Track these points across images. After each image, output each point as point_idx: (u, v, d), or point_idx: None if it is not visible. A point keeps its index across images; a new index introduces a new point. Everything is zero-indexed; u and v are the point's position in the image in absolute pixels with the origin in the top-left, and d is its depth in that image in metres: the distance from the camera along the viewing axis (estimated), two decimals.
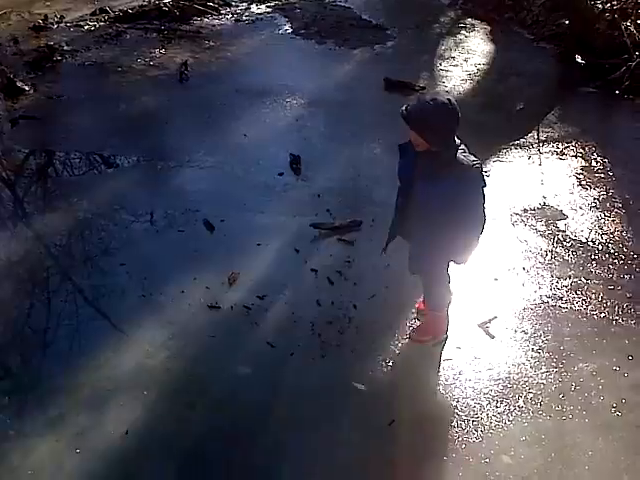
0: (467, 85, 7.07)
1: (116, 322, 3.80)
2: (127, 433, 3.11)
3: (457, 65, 7.56)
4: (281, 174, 5.44)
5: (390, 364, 3.59)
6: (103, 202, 5.05)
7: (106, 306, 3.94)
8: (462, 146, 3.12)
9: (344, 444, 3.11)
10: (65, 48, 7.92)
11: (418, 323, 3.82)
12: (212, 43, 8.25)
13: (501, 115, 6.45)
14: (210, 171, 5.50)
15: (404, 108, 3.00)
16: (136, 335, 3.70)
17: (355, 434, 3.16)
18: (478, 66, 7.51)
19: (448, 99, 2.98)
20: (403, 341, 3.74)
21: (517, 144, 5.86)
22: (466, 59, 7.70)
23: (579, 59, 7.47)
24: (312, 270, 4.26)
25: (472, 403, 3.37)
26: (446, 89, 6.93)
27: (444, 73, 7.39)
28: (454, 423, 3.26)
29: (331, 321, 3.85)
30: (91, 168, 5.70)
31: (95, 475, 2.93)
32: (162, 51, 8.03)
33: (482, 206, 3.20)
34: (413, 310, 3.93)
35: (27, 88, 7.03)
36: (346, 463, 3.02)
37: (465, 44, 8.15)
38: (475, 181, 3.10)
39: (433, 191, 3.06)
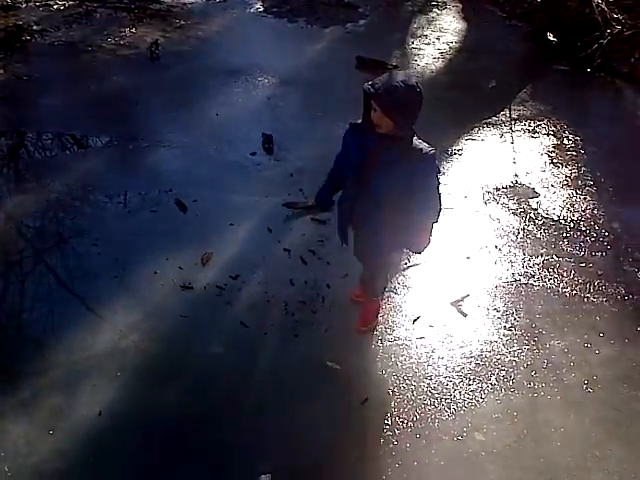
0: (439, 63, 7.08)
1: (89, 303, 3.76)
2: (100, 414, 3.09)
3: (429, 43, 7.56)
4: (253, 154, 5.41)
5: (364, 342, 3.61)
6: (75, 183, 4.97)
7: (78, 287, 3.89)
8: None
9: (318, 423, 3.12)
10: (34, 27, 7.75)
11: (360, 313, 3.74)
12: (183, 22, 8.14)
13: (473, 93, 6.47)
14: (182, 151, 5.44)
15: (370, 85, 2.86)
16: (109, 316, 3.66)
17: (328, 413, 3.18)
18: (450, 44, 7.52)
19: (416, 82, 2.87)
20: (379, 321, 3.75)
21: (489, 122, 5.90)
22: (438, 37, 7.70)
23: (551, 37, 7.52)
24: (285, 250, 4.26)
25: (445, 381, 3.41)
26: (418, 67, 6.94)
27: (416, 51, 7.39)
28: (427, 401, 3.29)
29: (304, 301, 3.85)
30: (62, 149, 5.60)
31: (69, 455, 2.91)
32: (132, 30, 7.90)
33: (439, 192, 3.12)
34: (388, 289, 3.94)
35: None
36: (319, 442, 3.04)
37: (437, 22, 8.15)
38: (432, 167, 3.02)
39: (391, 177, 2.98)
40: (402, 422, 3.18)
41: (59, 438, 2.98)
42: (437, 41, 7.57)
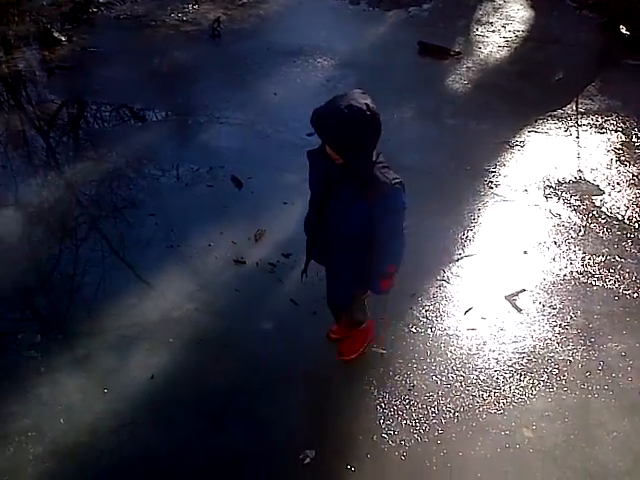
0: (504, 52, 6.89)
1: (144, 271, 3.82)
2: (153, 377, 3.14)
3: (494, 31, 7.37)
4: (310, 135, 5.26)
5: (413, 330, 3.56)
6: (133, 154, 5.05)
7: (134, 256, 3.96)
8: (381, 159, 2.62)
9: (361, 407, 3.10)
10: (101, 0, 7.87)
11: (342, 342, 3.38)
12: (245, 0, 8.13)
13: (538, 84, 6.28)
14: (239, 128, 5.46)
15: (314, 110, 2.52)
16: (163, 284, 3.71)
17: (374, 399, 3.15)
18: (517, 33, 7.31)
19: (366, 104, 2.41)
20: (427, 308, 3.70)
21: (554, 115, 5.72)
22: (504, 25, 7.50)
23: (623, 30, 7.23)
24: None
25: (495, 374, 3.34)
26: (482, 55, 6.78)
27: (480, 39, 7.22)
28: (475, 393, 3.23)
29: None
30: (122, 121, 5.68)
31: (122, 415, 2.98)
32: (195, 7, 7.94)
33: (402, 230, 2.74)
34: (437, 275, 3.88)
35: (63, 39, 7.01)
36: (362, 427, 3.01)
37: (504, 10, 7.94)
38: (395, 204, 2.62)
39: (347, 213, 2.64)
40: (448, 411, 3.13)
41: (113, 397, 3.05)
42: (503, 29, 7.38)
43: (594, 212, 4.52)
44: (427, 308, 3.70)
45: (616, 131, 5.52)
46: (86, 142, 5.44)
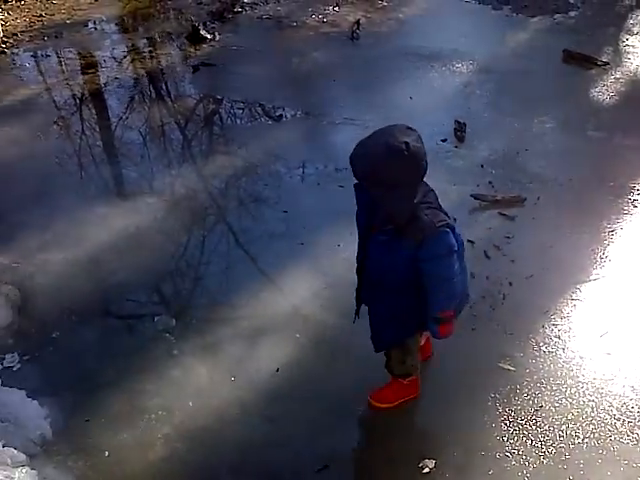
0: None
1: (274, 265, 3.93)
2: (278, 371, 3.22)
3: None
4: (444, 140, 5.32)
5: (543, 349, 3.43)
6: (267, 151, 5.20)
7: (265, 249, 4.09)
8: (429, 198, 2.48)
9: (485, 423, 3.02)
10: (245, 0, 8.17)
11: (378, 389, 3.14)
12: (385, 3, 8.15)
13: None
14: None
15: (356, 146, 2.42)
16: (292, 280, 3.80)
17: (498, 415, 3.06)
18: None
19: (405, 142, 2.26)
20: (559, 327, 3.55)
21: None
22: None
23: None
24: (469, 241, 4.13)
25: (630, 403, 3.13)
26: (632, 66, 6.40)
27: (631, 49, 6.82)
28: (607, 420, 3.06)
29: (484, 295, 3.73)
30: (259, 118, 5.88)
31: (247, 405, 3.07)
32: (336, 9, 8.05)
33: (452, 274, 2.52)
34: (572, 294, 3.72)
35: (209, 37, 7.36)
36: (485, 442, 2.93)
37: None
38: (438, 247, 2.43)
39: (388, 256, 2.49)
40: (577, 436, 2.98)
41: (239, 385, 3.16)
42: None
43: None
44: (560, 327, 3.55)
45: None
46: (221, 137, 5.68)
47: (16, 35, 7.66)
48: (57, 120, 5.80)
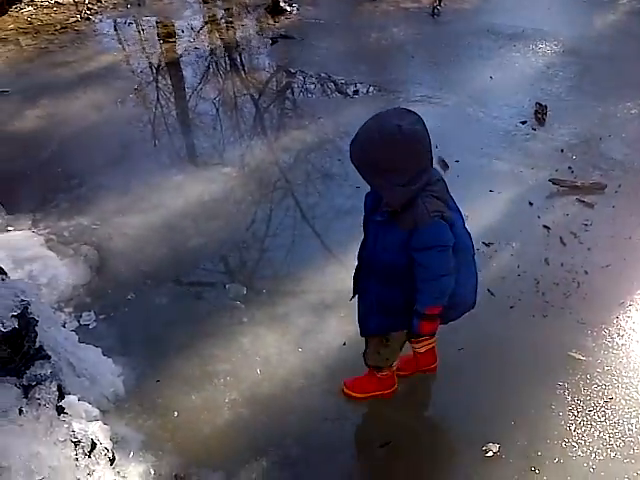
0: None
1: (340, 243, 3.91)
2: (344, 344, 3.23)
3: None
4: (524, 122, 5.18)
5: (617, 341, 3.31)
6: (341, 126, 5.18)
7: (329, 226, 4.10)
8: (434, 187, 2.33)
9: (553, 410, 2.95)
10: None
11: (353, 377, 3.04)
12: None
13: None
14: (450, 109, 5.39)
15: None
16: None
17: (567, 404, 2.98)
18: None
19: (398, 125, 2.14)
20: (635, 320, 3.42)
21: None
22: None
23: None
24: (544, 227, 4.04)
25: None
26: None
27: None
28: None
29: (558, 282, 3.63)
30: (335, 92, 5.86)
31: (314, 377, 3.09)
32: None
33: (443, 271, 2.37)
34: None
35: (288, 9, 7.37)
36: (552, 430, 2.86)
37: None
38: (429, 237, 2.30)
39: (382, 234, 2.41)
40: None
41: (306, 357, 3.18)
42: None
43: None
44: (635, 319, 3.42)
45: None
46: (294, 111, 5.68)
47: (100, 2, 7.87)
48: (137, 87, 5.94)
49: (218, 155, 4.94)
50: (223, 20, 7.57)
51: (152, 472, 2.69)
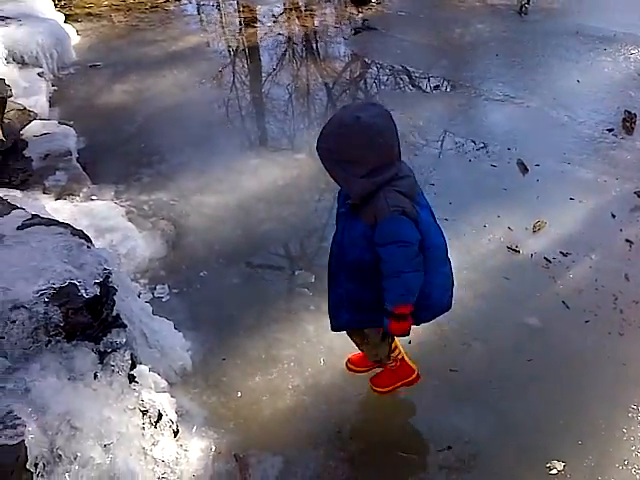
0: None
1: None
2: (410, 343, 3.16)
3: None
4: (610, 130, 5.00)
5: None
6: (419, 119, 5.14)
7: None
8: (402, 182, 2.29)
9: (622, 432, 2.83)
10: None
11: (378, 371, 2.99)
12: None
13: None
14: (533, 112, 5.25)
15: None
16: None
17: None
18: None
19: (357, 116, 2.15)
20: None
21: None
22: None
23: None
24: (627, 241, 3.89)
25: None
26: None
27: None
28: None
29: (637, 301, 3.49)
30: (413, 85, 5.80)
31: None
32: None
33: (400, 266, 2.30)
34: None
35: (373, 0, 7.30)
36: (621, 453, 2.76)
37: None
38: (388, 231, 2.27)
39: (347, 226, 2.41)
40: None
41: None
42: None
43: None
44: None
45: None
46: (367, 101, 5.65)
47: None
48: (220, 70, 6.03)
49: (286, 141, 4.97)
50: (305, 8, 7.58)
51: (213, 449, 2.73)
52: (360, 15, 7.15)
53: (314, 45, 6.75)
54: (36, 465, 2.12)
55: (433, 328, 3.26)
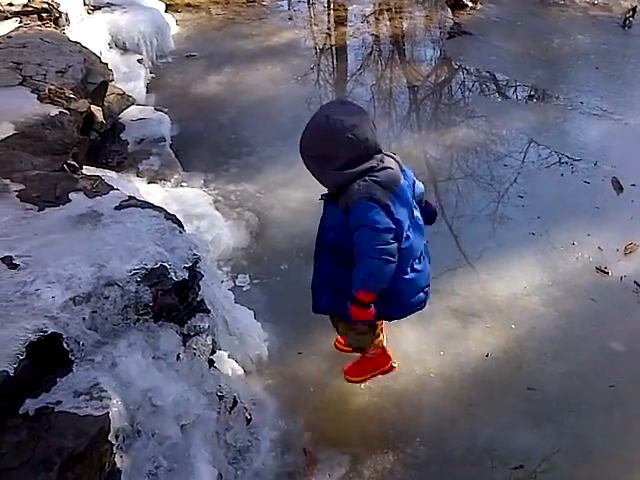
0: None
1: (503, 251, 3.79)
2: (487, 356, 3.14)
3: None
4: None
5: None
6: (509, 129, 5.04)
7: (493, 233, 3.98)
8: (380, 174, 2.38)
9: None
10: None
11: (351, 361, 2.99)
12: None
13: None
14: (632, 129, 5.06)
15: None
16: (516, 269, 3.65)
17: None
18: None
19: (326, 115, 2.32)
20: None
21: None
22: None
23: None
24: None
25: None
26: None
27: None
28: None
29: None
30: (502, 94, 5.70)
31: (449, 381, 3.04)
32: None
33: (368, 251, 2.34)
34: None
35: (470, 4, 7.22)
36: None
37: None
38: (357, 214, 2.35)
39: (328, 213, 2.59)
40: None
41: (445, 360, 3.12)
42: None
43: None
44: None
45: None
46: (450, 107, 5.58)
47: None
48: (312, 67, 6.08)
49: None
50: (403, 10, 7.54)
51: (283, 441, 2.77)
52: (456, 19, 7.06)
53: (404, 47, 6.73)
54: (116, 437, 2.19)
55: (512, 344, 3.21)
